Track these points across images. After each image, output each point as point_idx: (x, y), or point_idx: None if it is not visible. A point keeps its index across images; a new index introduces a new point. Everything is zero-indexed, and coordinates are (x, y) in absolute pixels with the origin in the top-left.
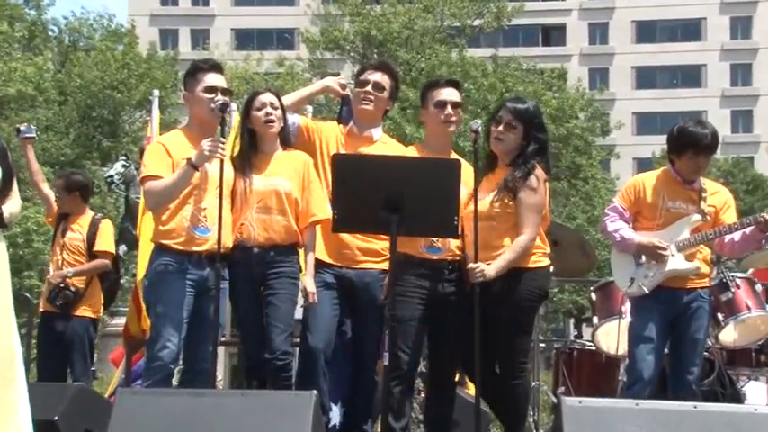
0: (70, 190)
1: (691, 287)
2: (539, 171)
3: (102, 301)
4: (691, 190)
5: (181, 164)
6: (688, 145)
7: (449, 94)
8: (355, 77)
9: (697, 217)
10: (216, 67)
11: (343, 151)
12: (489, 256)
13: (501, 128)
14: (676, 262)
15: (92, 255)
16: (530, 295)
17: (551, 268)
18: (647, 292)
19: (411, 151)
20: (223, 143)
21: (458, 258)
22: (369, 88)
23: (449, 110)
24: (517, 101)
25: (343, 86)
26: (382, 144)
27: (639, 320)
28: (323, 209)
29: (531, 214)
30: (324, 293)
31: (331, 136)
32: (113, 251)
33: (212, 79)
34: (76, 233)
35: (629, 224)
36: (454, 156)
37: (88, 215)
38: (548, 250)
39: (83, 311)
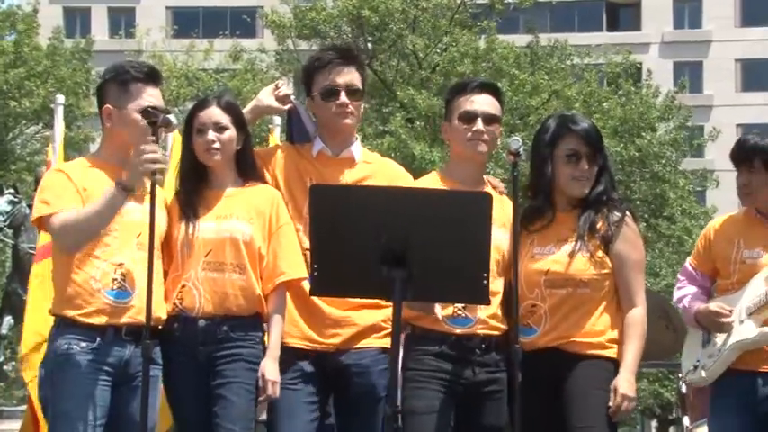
0: None
1: None
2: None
3: None
4: None
5: (93, 199)
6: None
7: (482, 102)
8: (309, 78)
9: None
10: (154, 77)
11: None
12: (581, 344)
13: (584, 164)
14: (742, 330)
15: None
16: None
17: None
18: (707, 378)
19: (430, 181)
20: (163, 152)
21: (495, 333)
22: (343, 98)
23: (479, 125)
24: (579, 120)
25: (285, 98)
26: (366, 165)
27: (716, 424)
28: (296, 265)
29: (640, 275)
30: (300, 390)
31: (289, 166)
32: None
33: (151, 96)
34: None
35: (706, 287)
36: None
37: None
38: None
39: None
